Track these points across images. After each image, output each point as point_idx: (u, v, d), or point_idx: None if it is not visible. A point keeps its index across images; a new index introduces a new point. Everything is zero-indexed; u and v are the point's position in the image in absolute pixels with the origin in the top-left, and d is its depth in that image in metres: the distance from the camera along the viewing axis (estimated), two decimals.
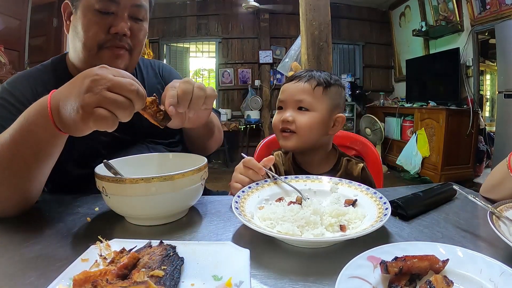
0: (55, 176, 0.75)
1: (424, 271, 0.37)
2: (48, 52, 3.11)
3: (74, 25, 0.75)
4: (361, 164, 0.86)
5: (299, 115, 0.81)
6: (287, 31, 4.99)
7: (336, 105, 0.85)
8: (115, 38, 0.74)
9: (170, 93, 0.61)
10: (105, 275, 0.35)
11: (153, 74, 0.96)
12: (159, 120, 0.61)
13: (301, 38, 1.86)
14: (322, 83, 0.82)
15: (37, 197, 0.64)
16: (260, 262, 0.44)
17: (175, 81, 0.65)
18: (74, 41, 0.76)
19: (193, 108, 0.63)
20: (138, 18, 0.77)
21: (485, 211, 0.52)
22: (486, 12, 3.28)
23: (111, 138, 0.81)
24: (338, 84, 0.86)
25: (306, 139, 0.82)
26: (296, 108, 0.82)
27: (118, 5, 0.73)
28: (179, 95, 0.61)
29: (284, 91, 0.86)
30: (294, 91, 0.83)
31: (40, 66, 0.82)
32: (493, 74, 3.88)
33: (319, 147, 0.86)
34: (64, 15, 0.79)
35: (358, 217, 0.54)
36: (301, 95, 0.82)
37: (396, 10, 4.84)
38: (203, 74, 5.68)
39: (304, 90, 0.82)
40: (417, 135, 3.68)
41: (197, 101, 0.63)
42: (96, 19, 0.72)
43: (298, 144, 0.82)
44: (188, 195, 0.58)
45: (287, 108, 0.84)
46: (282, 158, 0.91)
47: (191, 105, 0.62)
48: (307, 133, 0.81)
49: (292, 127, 0.81)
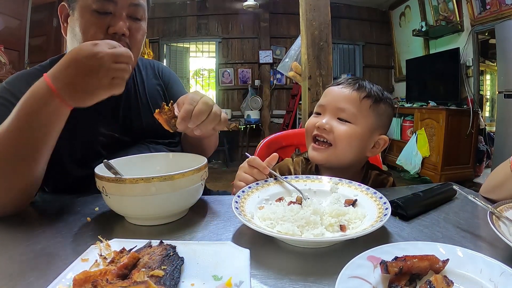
0: (56, 176, 0.75)
1: (424, 271, 0.37)
2: (48, 52, 3.11)
3: (71, 27, 0.75)
4: (391, 179, 0.80)
5: (338, 125, 0.72)
6: (287, 31, 4.99)
7: (381, 125, 0.76)
8: (113, 38, 0.73)
9: (186, 108, 0.62)
10: (105, 275, 0.35)
11: (152, 75, 0.95)
12: (172, 125, 0.64)
13: (301, 38, 1.86)
14: (372, 96, 0.73)
15: (36, 189, 0.65)
16: (260, 262, 0.44)
17: (195, 93, 0.66)
18: (73, 42, 0.76)
19: (202, 129, 0.65)
20: (137, 18, 0.77)
21: (485, 211, 0.52)
22: (486, 12, 3.28)
23: (110, 138, 0.81)
24: (388, 103, 0.77)
25: (341, 155, 0.72)
26: (336, 117, 0.73)
27: (115, 4, 0.72)
28: (194, 113, 0.62)
29: (327, 95, 0.76)
30: (338, 97, 0.73)
31: (38, 66, 0.82)
32: (493, 74, 3.87)
33: (350, 167, 0.76)
34: (61, 17, 0.78)
35: (358, 217, 0.54)
36: (344, 103, 0.72)
37: (396, 10, 4.84)
38: (203, 74, 5.68)
39: (349, 99, 0.72)
40: (417, 135, 3.68)
41: (209, 125, 0.65)
42: (94, 19, 0.72)
43: (331, 159, 0.73)
44: (188, 195, 0.58)
45: (325, 114, 0.74)
46: (303, 166, 0.82)
47: (201, 125, 0.64)
48: (344, 148, 0.71)
49: (330, 137, 0.72)
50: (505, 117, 3.10)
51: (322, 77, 1.76)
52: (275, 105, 5.17)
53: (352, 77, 0.81)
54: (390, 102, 0.78)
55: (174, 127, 0.64)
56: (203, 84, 5.78)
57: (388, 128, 0.81)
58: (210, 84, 5.64)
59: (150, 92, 0.91)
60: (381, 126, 0.76)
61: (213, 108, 0.65)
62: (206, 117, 0.63)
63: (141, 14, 0.78)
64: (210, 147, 0.93)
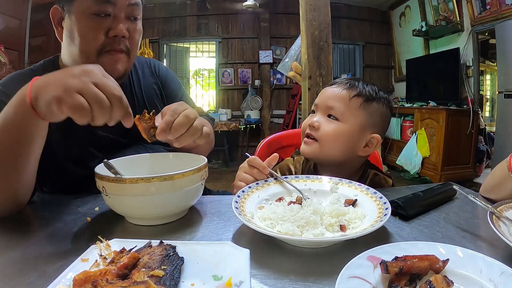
0: (54, 177, 0.75)
1: (424, 271, 0.37)
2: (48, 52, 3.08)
3: (68, 31, 0.73)
4: (390, 180, 0.81)
5: (326, 123, 0.75)
6: (287, 31, 4.99)
7: (373, 123, 0.76)
8: (113, 41, 0.73)
9: (167, 119, 0.61)
10: (105, 275, 0.35)
11: (149, 73, 0.94)
12: (151, 135, 0.62)
13: (301, 38, 1.86)
14: (363, 95, 0.75)
15: (29, 194, 0.63)
16: (260, 262, 0.44)
17: (179, 104, 0.65)
18: (70, 47, 0.74)
19: (182, 142, 0.63)
20: (135, 17, 0.76)
21: (485, 211, 0.52)
22: (486, 12, 3.28)
23: (106, 140, 0.80)
24: (383, 102, 0.78)
25: (326, 150, 0.75)
26: (326, 115, 0.76)
27: (114, 6, 0.71)
28: (174, 125, 0.61)
29: (320, 95, 0.80)
30: (329, 96, 0.77)
31: (32, 66, 0.80)
32: (493, 74, 3.88)
33: (344, 165, 0.79)
34: (53, 20, 0.76)
35: (358, 217, 0.54)
36: (334, 101, 0.75)
37: (396, 10, 4.84)
38: (203, 74, 5.68)
39: (338, 97, 0.75)
40: (417, 135, 3.68)
41: (188, 138, 0.64)
42: (93, 23, 0.70)
43: (316, 153, 0.76)
44: (188, 195, 0.58)
45: (317, 112, 0.78)
46: (303, 165, 0.85)
47: (181, 138, 0.63)
48: (329, 144, 0.74)
49: (317, 133, 0.75)
50: (505, 117, 3.10)
51: (322, 77, 1.76)
52: (275, 105, 5.17)
53: (350, 77, 0.83)
54: (385, 102, 0.79)
55: (152, 137, 0.62)
56: (203, 84, 5.78)
57: (385, 128, 0.81)
58: (210, 84, 5.64)
59: (147, 91, 0.91)
60: (373, 125, 0.77)
61: (194, 122, 0.64)
62: (186, 130, 0.62)
63: (139, 13, 0.77)
64: (203, 153, 0.93)
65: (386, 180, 0.81)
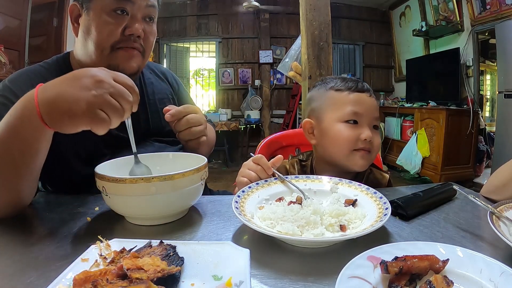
0: (62, 175, 0.75)
1: (424, 271, 0.37)
2: (48, 52, 3.11)
3: (85, 26, 0.74)
4: (387, 175, 0.82)
5: (375, 135, 0.75)
6: (287, 31, 4.99)
7: None
8: (128, 39, 0.75)
9: (179, 109, 0.76)
10: (105, 275, 0.35)
11: (159, 78, 0.98)
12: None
13: (301, 38, 1.86)
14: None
15: (31, 197, 0.63)
16: (260, 262, 0.44)
17: (192, 108, 0.79)
18: (86, 42, 0.75)
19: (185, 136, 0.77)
20: (151, 18, 0.79)
21: (485, 211, 0.52)
22: (486, 12, 3.28)
23: (115, 137, 0.80)
24: None
25: (372, 160, 0.77)
26: (372, 126, 0.76)
27: (133, 4, 0.73)
28: (181, 120, 0.76)
29: (361, 103, 0.74)
30: (373, 107, 0.76)
31: (43, 63, 0.80)
32: (493, 74, 3.87)
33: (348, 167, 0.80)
34: (71, 17, 0.77)
35: (358, 217, 0.54)
36: (376, 112, 0.76)
37: (396, 10, 4.84)
38: (203, 74, 5.67)
39: (376, 107, 0.76)
40: (417, 135, 3.68)
41: (192, 133, 0.78)
42: (111, 19, 0.72)
43: (369, 164, 0.77)
44: (188, 195, 0.58)
45: (363, 123, 0.74)
46: (298, 168, 0.84)
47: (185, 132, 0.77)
48: (376, 154, 0.76)
49: (371, 146, 0.74)
50: (505, 117, 3.10)
51: (322, 77, 1.75)
52: (275, 105, 5.16)
53: (354, 78, 0.82)
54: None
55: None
56: (203, 84, 5.78)
57: None
58: (210, 84, 5.63)
59: (159, 95, 0.93)
60: None
61: (199, 126, 0.78)
62: (191, 129, 0.76)
63: (155, 15, 0.79)
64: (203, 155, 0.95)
65: (383, 175, 0.83)
